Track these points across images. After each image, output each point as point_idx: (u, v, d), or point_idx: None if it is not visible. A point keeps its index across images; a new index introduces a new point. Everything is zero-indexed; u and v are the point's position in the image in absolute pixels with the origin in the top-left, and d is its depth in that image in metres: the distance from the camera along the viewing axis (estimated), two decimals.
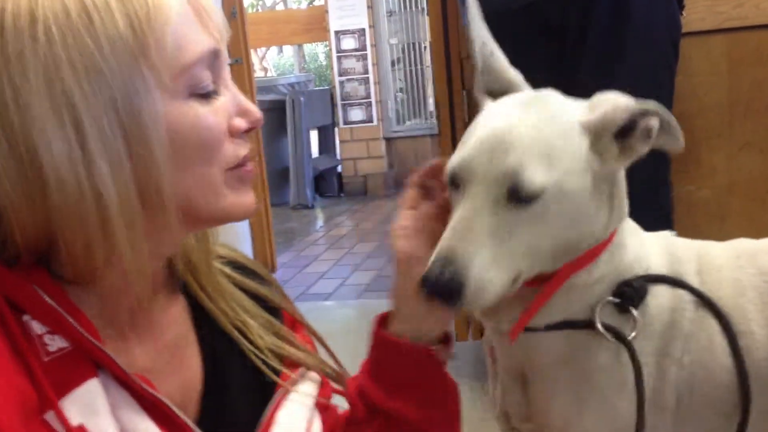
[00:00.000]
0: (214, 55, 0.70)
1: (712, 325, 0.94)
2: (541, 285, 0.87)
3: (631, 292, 0.92)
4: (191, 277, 0.84)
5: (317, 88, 7.35)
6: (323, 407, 0.89)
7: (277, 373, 0.85)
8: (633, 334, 0.90)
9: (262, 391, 0.84)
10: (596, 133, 0.84)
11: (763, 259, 0.97)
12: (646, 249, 0.96)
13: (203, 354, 0.83)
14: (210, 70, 0.70)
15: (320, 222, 6.05)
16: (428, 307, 0.83)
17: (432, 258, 0.79)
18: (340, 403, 0.95)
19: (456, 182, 0.83)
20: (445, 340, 0.90)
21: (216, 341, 0.84)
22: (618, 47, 1.81)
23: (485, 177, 0.79)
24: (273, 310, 0.90)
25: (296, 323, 0.94)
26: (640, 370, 0.90)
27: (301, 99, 6.35)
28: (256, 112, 0.75)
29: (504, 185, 0.79)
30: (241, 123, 0.73)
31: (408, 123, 7.00)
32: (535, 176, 0.79)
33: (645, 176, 1.85)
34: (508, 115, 0.84)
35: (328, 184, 7.04)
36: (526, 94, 0.91)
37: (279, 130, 6.50)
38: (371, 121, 6.90)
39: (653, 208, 1.87)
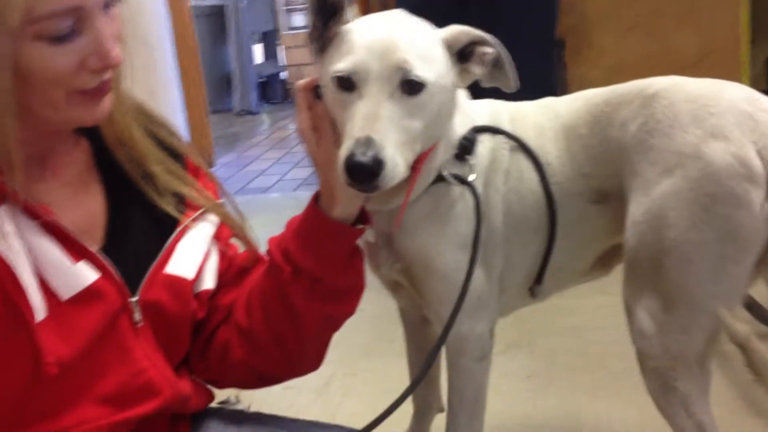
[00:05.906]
0: (76, 9, 0.79)
1: (523, 160, 1.17)
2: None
3: (465, 143, 1.14)
4: (106, 126, 0.96)
5: None
6: (221, 247, 1.04)
7: (179, 212, 0.99)
8: (473, 176, 1.12)
9: (163, 227, 0.97)
10: (449, 49, 1.02)
11: (559, 107, 1.21)
12: (473, 110, 1.18)
13: (107, 192, 0.96)
14: (72, 17, 0.79)
15: (264, 126, 6.15)
16: (350, 193, 0.95)
17: (349, 143, 0.91)
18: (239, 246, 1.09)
19: (349, 84, 0.94)
20: (364, 218, 1.02)
21: (120, 182, 0.97)
22: None
23: (380, 74, 0.93)
24: (177, 156, 1.04)
25: (199, 170, 1.08)
26: (479, 200, 1.13)
27: (242, 3, 6.32)
28: (110, 57, 0.83)
29: (397, 78, 0.94)
30: (94, 62, 0.82)
31: None
32: (420, 70, 0.95)
33: (532, 57, 2.05)
34: (383, 26, 0.98)
35: (273, 91, 7.09)
36: (384, 13, 1.03)
37: (219, 36, 6.50)
38: None
39: (538, 85, 2.08)
